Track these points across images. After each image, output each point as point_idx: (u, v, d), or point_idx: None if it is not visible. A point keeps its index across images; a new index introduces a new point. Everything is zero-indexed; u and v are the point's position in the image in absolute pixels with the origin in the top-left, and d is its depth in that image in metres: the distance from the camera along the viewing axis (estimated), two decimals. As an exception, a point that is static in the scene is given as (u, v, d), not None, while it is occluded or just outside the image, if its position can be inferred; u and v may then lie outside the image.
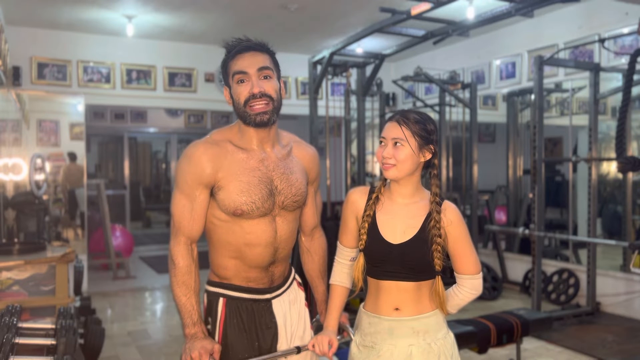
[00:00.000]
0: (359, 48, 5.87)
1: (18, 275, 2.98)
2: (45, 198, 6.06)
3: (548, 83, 5.84)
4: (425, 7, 3.98)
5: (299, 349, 1.82)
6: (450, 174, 6.72)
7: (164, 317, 5.46)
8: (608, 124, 6.05)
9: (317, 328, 1.93)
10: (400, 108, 3.51)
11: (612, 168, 6.28)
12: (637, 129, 5.81)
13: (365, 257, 1.72)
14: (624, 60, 4.86)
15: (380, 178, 1.79)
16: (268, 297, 1.82)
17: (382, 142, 1.71)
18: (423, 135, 1.67)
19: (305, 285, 2.01)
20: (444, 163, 6.66)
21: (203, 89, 7.16)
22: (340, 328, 1.87)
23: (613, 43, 5.25)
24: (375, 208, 1.74)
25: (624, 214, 5.56)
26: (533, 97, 5.09)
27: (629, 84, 3.84)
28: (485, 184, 7.12)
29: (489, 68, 6.66)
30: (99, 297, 5.95)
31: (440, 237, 1.66)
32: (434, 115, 6.54)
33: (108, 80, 6.67)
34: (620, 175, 5.53)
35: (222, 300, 1.79)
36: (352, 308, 2.53)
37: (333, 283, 1.84)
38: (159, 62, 6.92)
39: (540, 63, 4.86)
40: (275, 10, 5.68)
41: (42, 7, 5.57)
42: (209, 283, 1.84)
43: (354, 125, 6.48)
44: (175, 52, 6.96)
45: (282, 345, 1.82)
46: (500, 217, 7.33)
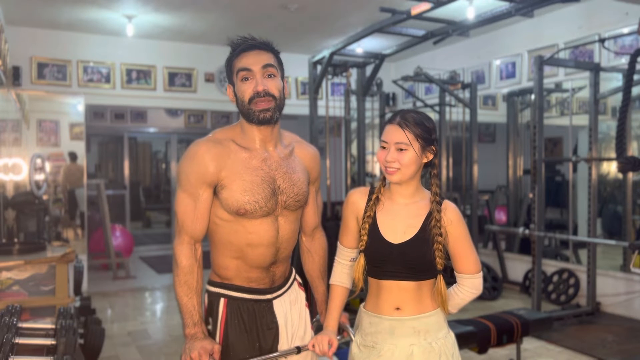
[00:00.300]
0: (359, 48, 5.86)
1: (18, 275, 2.98)
2: (45, 198, 6.06)
3: (548, 83, 5.84)
4: (425, 7, 3.98)
5: (299, 349, 1.82)
6: (450, 174, 6.72)
7: (164, 317, 5.46)
8: (608, 124, 6.04)
9: (317, 328, 1.93)
10: (400, 108, 3.51)
11: (612, 168, 6.28)
12: (637, 129, 5.81)
13: (366, 257, 1.72)
14: (624, 60, 4.86)
15: (380, 178, 1.79)
16: (269, 297, 1.82)
17: (384, 146, 1.69)
18: (425, 137, 1.67)
19: (306, 286, 2.01)
20: (444, 163, 6.65)
21: (203, 89, 7.15)
22: (340, 328, 1.87)
23: (613, 43, 5.25)
24: (376, 209, 1.74)
25: (624, 214, 5.56)
26: (533, 97, 5.09)
27: (629, 84, 3.84)
28: (485, 184, 7.12)
29: (489, 68, 6.66)
30: (99, 297, 5.95)
31: (442, 235, 1.67)
32: (434, 115, 6.54)
33: (108, 80, 6.67)
34: (620, 175, 5.53)
35: (223, 301, 1.78)
36: (352, 308, 2.52)
37: (333, 283, 1.84)
38: (159, 62, 6.91)
39: (540, 63, 4.86)
40: (275, 10, 5.68)
41: (42, 7, 5.57)
42: (210, 283, 1.83)
43: (354, 125, 6.48)
44: (175, 52, 6.96)
45: (283, 346, 1.82)
46: (500, 217, 7.33)
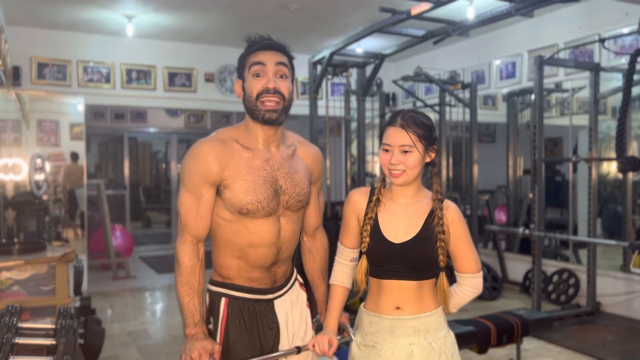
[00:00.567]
0: (359, 48, 5.86)
1: (18, 275, 2.98)
2: (45, 198, 6.06)
3: (548, 83, 5.84)
4: (425, 7, 3.98)
5: (299, 349, 1.82)
6: (450, 174, 6.72)
7: (164, 317, 5.45)
8: (608, 124, 6.04)
9: (317, 328, 1.93)
10: (400, 108, 3.50)
11: (612, 168, 6.28)
12: (637, 129, 5.81)
13: (368, 258, 1.72)
14: (624, 60, 4.86)
15: (380, 179, 1.79)
16: (270, 297, 1.82)
17: (387, 149, 1.69)
18: (428, 137, 1.68)
19: (306, 285, 2.01)
20: (444, 163, 6.65)
21: (203, 89, 7.15)
22: (340, 328, 1.87)
23: (613, 43, 5.24)
24: (377, 210, 1.74)
25: (624, 214, 5.56)
26: (533, 97, 5.09)
27: (629, 84, 3.84)
28: (485, 184, 7.12)
29: (489, 68, 6.66)
30: (99, 297, 5.95)
31: (444, 233, 1.67)
32: (434, 116, 6.54)
33: (108, 80, 6.67)
34: (620, 175, 5.53)
35: (224, 300, 1.79)
36: (352, 308, 2.52)
37: (333, 283, 1.84)
38: (159, 62, 6.91)
39: (540, 63, 4.86)
40: (275, 10, 5.68)
41: (42, 7, 5.57)
42: (212, 282, 1.83)
43: (354, 125, 6.48)
44: (175, 52, 6.96)
45: (283, 346, 1.82)
46: (500, 217, 7.33)
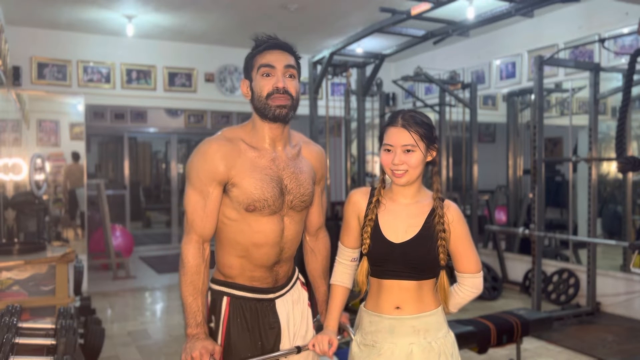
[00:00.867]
0: (359, 48, 5.86)
1: (18, 275, 2.98)
2: (45, 198, 6.06)
3: (548, 83, 5.84)
4: (425, 7, 3.98)
5: (299, 349, 1.82)
6: (450, 174, 6.72)
7: (164, 317, 5.46)
8: (608, 124, 6.05)
9: (317, 328, 1.93)
10: (400, 108, 3.50)
11: (612, 168, 6.28)
12: (637, 129, 5.81)
13: (368, 258, 1.72)
14: (624, 60, 4.86)
15: (379, 180, 1.79)
16: (272, 297, 1.83)
17: (389, 149, 1.68)
18: (429, 136, 1.68)
19: (308, 285, 2.01)
20: (444, 163, 6.65)
21: (203, 89, 7.15)
22: (341, 328, 1.87)
23: (613, 43, 5.25)
24: (377, 211, 1.74)
25: (624, 214, 5.56)
26: (533, 97, 5.09)
27: (629, 84, 3.84)
28: (485, 184, 7.12)
29: (489, 68, 6.66)
30: (99, 297, 5.95)
31: (445, 232, 1.67)
32: (434, 116, 6.55)
33: (108, 80, 6.67)
34: (620, 175, 5.53)
35: (226, 299, 1.79)
36: (352, 308, 2.52)
37: (334, 283, 1.84)
38: (159, 62, 6.92)
39: (540, 63, 4.86)
40: (275, 10, 5.68)
41: (42, 7, 5.57)
42: (214, 281, 1.84)
43: (354, 125, 6.48)
44: (175, 52, 6.96)
45: (284, 345, 1.82)
46: (500, 217, 7.33)
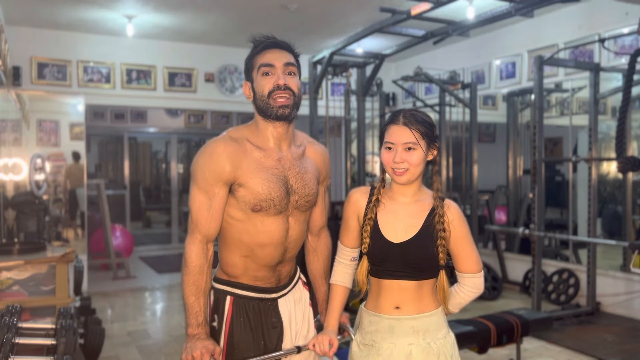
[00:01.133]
0: (359, 48, 5.86)
1: (18, 275, 2.98)
2: (45, 198, 6.06)
3: (548, 83, 5.84)
4: (425, 7, 3.98)
5: (300, 349, 1.82)
6: (450, 174, 6.72)
7: (164, 317, 5.45)
8: (608, 124, 6.04)
9: (317, 328, 1.93)
10: (400, 108, 3.50)
11: (612, 168, 6.28)
12: (637, 129, 5.81)
13: (368, 258, 1.72)
14: (624, 60, 4.86)
15: (379, 179, 1.79)
16: (274, 296, 1.83)
17: (390, 147, 1.68)
18: (430, 135, 1.68)
19: (309, 285, 2.01)
20: (444, 163, 6.65)
21: (203, 89, 7.15)
22: (341, 328, 1.87)
23: (613, 43, 5.25)
24: (377, 210, 1.74)
25: (624, 214, 5.56)
26: (533, 97, 5.09)
27: (629, 84, 3.84)
28: (485, 184, 7.12)
29: (489, 68, 6.66)
30: (99, 297, 5.95)
31: (445, 231, 1.67)
32: (434, 115, 6.54)
33: (108, 80, 6.67)
34: (620, 175, 5.53)
35: (229, 299, 1.79)
36: (352, 308, 2.52)
37: (334, 283, 1.84)
38: (159, 62, 6.91)
39: (540, 63, 4.86)
40: (275, 10, 5.68)
41: (42, 7, 5.57)
42: (217, 280, 1.84)
43: (354, 125, 6.48)
44: (175, 52, 6.96)
45: (286, 345, 1.82)
46: (500, 217, 7.32)
